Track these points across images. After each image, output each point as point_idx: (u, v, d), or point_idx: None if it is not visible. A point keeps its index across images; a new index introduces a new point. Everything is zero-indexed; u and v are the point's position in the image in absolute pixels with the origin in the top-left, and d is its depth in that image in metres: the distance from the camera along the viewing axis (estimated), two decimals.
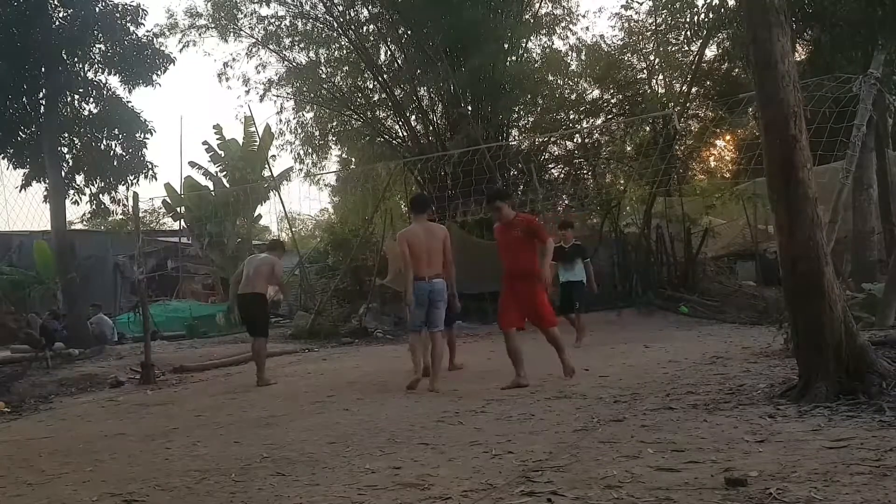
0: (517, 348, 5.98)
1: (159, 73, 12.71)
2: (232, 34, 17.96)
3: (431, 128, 17.25)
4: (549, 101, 17.26)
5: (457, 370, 7.39)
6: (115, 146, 12.81)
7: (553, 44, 18.34)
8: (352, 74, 18.31)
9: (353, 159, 21.28)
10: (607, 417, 4.34)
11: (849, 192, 8.51)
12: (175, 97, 57.22)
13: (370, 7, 17.29)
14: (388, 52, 17.79)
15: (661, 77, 17.99)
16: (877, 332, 6.03)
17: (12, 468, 4.22)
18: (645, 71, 17.94)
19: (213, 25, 17.86)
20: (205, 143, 20.49)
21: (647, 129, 16.67)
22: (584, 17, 29.15)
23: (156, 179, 13.19)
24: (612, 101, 18.10)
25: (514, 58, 16.55)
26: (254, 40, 18.11)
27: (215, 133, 20.46)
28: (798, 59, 10.28)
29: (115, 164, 12.69)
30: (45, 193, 12.49)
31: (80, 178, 12.80)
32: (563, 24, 18.29)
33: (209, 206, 18.50)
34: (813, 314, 4.37)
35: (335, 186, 23.56)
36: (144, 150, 12.85)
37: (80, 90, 12.60)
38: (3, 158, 12.42)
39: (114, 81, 12.80)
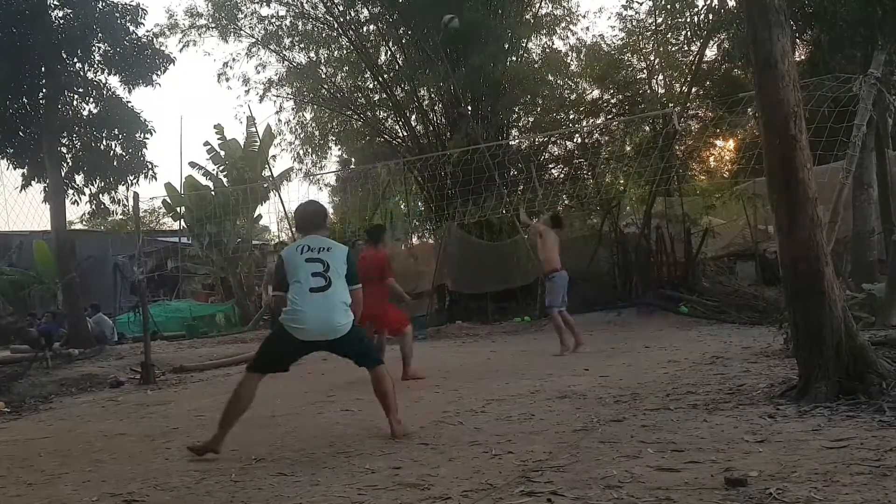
0: None
1: (159, 73, 12.69)
2: (232, 34, 17.92)
3: (431, 128, 17.22)
4: (549, 101, 17.21)
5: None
6: (115, 146, 12.79)
7: (553, 44, 18.33)
8: (352, 74, 18.27)
9: (353, 159, 21.25)
10: (607, 417, 4.34)
11: (849, 192, 8.50)
12: (175, 97, 57.28)
13: (370, 7, 17.26)
14: (389, 52, 17.76)
15: (661, 77, 17.94)
16: (877, 332, 6.03)
17: (12, 468, 4.22)
18: (645, 71, 17.90)
19: (213, 25, 17.82)
20: (206, 143, 20.53)
21: (647, 128, 16.65)
22: (584, 17, 29.12)
23: (156, 179, 13.18)
24: (612, 101, 18.06)
25: (514, 58, 16.52)
26: (254, 40, 18.08)
27: (216, 133, 20.49)
28: (798, 59, 10.27)
29: (115, 164, 12.66)
30: (45, 193, 12.49)
31: (79, 178, 12.77)
32: (563, 25, 18.27)
33: (209, 206, 18.49)
34: (813, 314, 4.37)
35: (335, 186, 23.58)
36: (144, 150, 12.84)
37: (80, 90, 12.58)
38: (3, 158, 12.42)
39: (114, 81, 12.79)
